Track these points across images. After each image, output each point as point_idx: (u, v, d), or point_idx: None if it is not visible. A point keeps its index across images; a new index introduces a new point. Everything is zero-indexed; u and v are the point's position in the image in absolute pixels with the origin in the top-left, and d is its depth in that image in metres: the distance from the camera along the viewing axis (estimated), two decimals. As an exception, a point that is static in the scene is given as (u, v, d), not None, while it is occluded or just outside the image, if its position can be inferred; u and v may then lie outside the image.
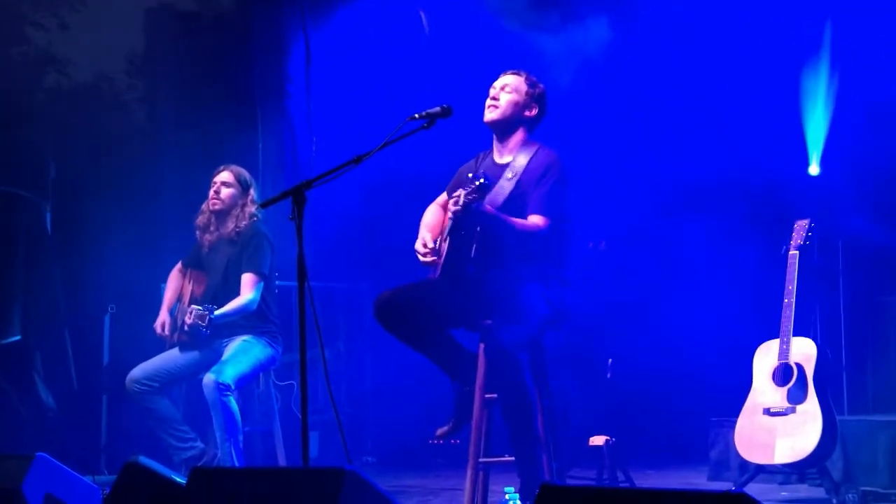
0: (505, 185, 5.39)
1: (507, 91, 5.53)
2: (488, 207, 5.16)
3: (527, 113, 5.54)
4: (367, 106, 9.01)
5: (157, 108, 9.62)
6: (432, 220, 5.66)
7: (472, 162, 5.71)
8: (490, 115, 5.53)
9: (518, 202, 5.35)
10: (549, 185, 5.35)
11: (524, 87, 5.54)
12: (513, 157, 5.49)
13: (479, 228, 5.15)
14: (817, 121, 8.46)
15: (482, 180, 4.99)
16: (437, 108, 5.01)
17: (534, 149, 5.49)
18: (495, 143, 5.62)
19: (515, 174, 5.40)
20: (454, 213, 5.06)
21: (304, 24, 9.40)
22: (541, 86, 5.60)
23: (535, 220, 5.30)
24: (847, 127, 8.30)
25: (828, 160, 8.50)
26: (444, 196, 5.70)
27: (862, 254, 8.13)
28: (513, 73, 5.59)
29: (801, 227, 6.36)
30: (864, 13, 8.20)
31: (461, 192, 5.02)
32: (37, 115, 9.16)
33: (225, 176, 6.73)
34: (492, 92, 5.56)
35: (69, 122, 9.20)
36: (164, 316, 6.76)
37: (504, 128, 5.55)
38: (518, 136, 5.55)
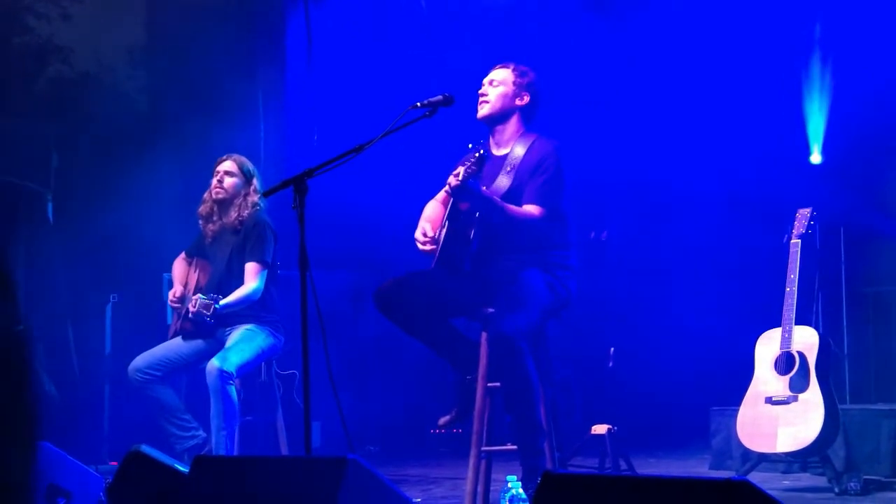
0: (504, 179, 5.36)
1: (494, 85, 5.49)
2: (484, 189, 5.14)
3: (518, 102, 5.49)
4: (369, 91, 9.01)
5: (158, 98, 9.63)
6: (432, 213, 5.64)
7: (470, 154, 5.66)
8: (481, 111, 5.51)
9: (516, 194, 5.33)
10: (545, 176, 5.32)
11: (512, 78, 5.49)
12: (510, 149, 5.46)
13: (477, 214, 5.14)
14: (817, 109, 8.46)
15: (482, 151, 4.98)
16: (440, 97, 5.02)
17: (531, 139, 5.45)
18: (491, 137, 5.58)
19: (513, 167, 5.38)
20: (453, 188, 5.05)
21: (307, 10, 9.39)
22: (531, 74, 5.53)
23: (530, 208, 5.28)
24: (848, 114, 8.29)
25: (829, 148, 8.50)
26: (443, 193, 5.69)
27: (864, 242, 8.12)
28: (500, 67, 5.55)
29: (802, 215, 6.35)
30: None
31: (461, 169, 5.02)
32: (39, 105, 9.17)
33: (228, 165, 6.71)
34: (482, 88, 5.53)
35: (71, 111, 9.20)
36: (178, 287, 6.72)
37: (496, 121, 5.52)
38: (512, 126, 5.51)
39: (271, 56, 9.41)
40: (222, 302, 6.31)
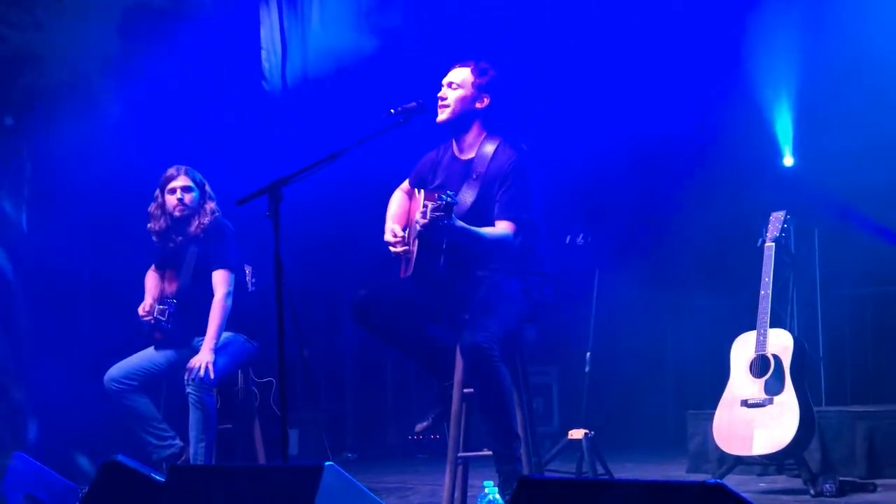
0: (469, 191, 5.28)
1: (454, 88, 5.36)
2: (457, 222, 5.01)
3: (478, 105, 5.36)
4: (341, 102, 9.02)
5: (133, 109, 9.59)
6: (398, 209, 5.55)
7: (433, 153, 5.59)
8: (441, 115, 5.38)
9: (485, 202, 5.26)
10: (513, 190, 5.23)
11: (471, 79, 5.35)
12: (475, 154, 5.37)
13: (445, 242, 5.10)
14: (788, 112, 8.50)
15: (449, 199, 4.85)
16: (413, 104, 5.04)
17: (495, 144, 5.35)
18: (454, 140, 5.48)
19: (478, 174, 5.29)
20: (422, 225, 5.00)
21: (282, 21, 9.40)
22: (491, 72, 5.39)
23: (502, 226, 5.20)
24: (819, 116, 8.33)
25: (802, 151, 8.54)
26: (407, 183, 5.65)
27: (838, 245, 8.17)
28: (460, 66, 5.42)
29: (776, 219, 6.38)
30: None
31: (428, 206, 4.91)
32: (12, 115, 9.12)
33: (184, 180, 6.63)
34: (441, 91, 5.40)
35: (45, 122, 9.16)
36: (147, 300, 6.69)
37: (458, 126, 5.41)
38: (474, 130, 5.40)
39: (248, 65, 9.40)
40: (210, 337, 6.30)
